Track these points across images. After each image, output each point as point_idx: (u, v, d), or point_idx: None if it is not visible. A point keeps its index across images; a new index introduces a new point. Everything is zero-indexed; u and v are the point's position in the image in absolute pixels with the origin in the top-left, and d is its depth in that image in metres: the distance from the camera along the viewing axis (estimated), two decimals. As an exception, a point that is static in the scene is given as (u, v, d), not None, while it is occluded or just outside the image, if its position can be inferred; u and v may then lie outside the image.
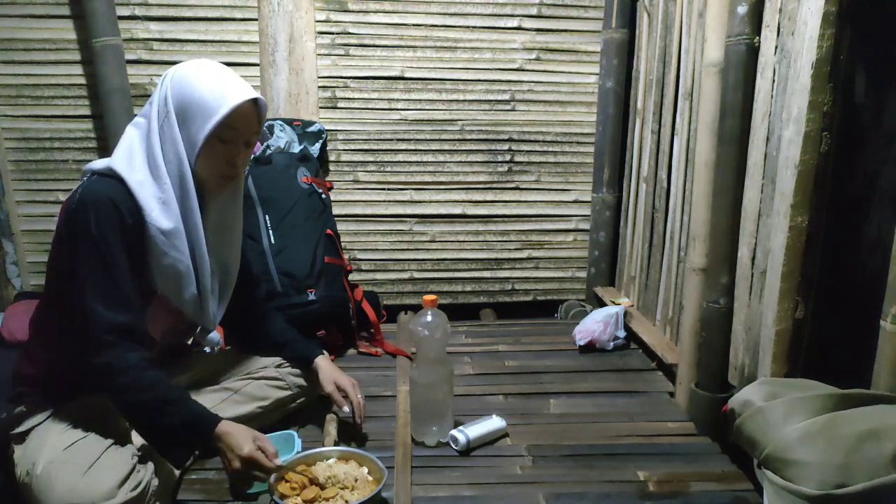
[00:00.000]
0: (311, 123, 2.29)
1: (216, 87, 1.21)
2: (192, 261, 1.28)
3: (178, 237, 1.24)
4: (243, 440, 1.19)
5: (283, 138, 2.20)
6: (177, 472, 1.34)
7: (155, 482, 1.22)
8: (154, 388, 1.19)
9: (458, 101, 2.40)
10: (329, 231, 2.11)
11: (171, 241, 1.23)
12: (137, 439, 1.32)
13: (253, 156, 2.00)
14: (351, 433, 1.54)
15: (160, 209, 1.21)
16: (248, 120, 1.25)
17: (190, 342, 1.52)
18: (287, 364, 1.59)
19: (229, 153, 1.26)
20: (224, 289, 1.43)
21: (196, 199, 1.25)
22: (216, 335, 1.43)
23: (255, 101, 1.25)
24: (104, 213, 1.16)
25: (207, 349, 1.45)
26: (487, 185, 2.48)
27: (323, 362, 1.56)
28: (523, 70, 2.40)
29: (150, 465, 1.24)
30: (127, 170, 1.20)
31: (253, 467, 1.19)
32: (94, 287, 1.15)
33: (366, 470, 1.34)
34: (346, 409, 1.50)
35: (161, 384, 1.20)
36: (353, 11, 2.30)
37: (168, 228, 1.22)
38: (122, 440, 1.28)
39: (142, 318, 1.23)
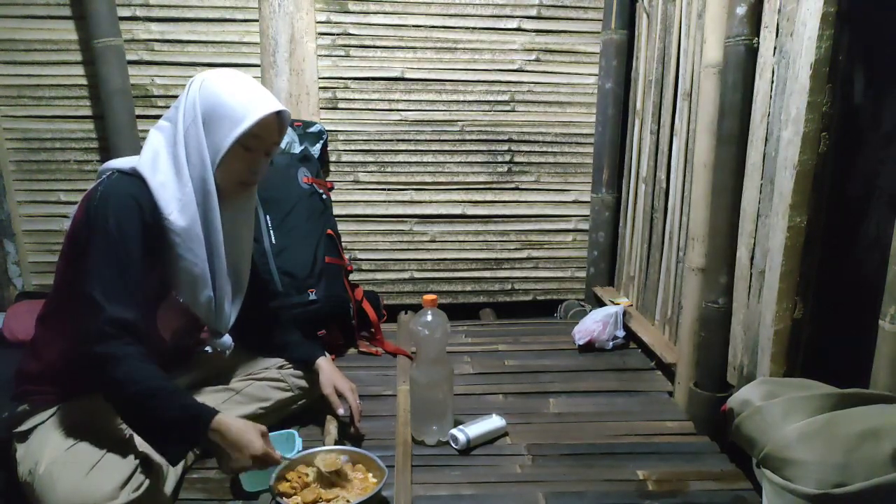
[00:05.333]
0: (312, 124, 2.30)
1: (245, 96, 1.26)
2: (209, 264, 1.30)
3: (195, 240, 1.26)
4: (252, 436, 1.18)
5: (283, 139, 2.20)
6: (175, 471, 1.33)
7: (147, 484, 1.20)
8: (149, 379, 1.15)
9: (457, 101, 2.40)
10: (329, 231, 2.12)
11: (188, 244, 1.25)
12: (140, 440, 1.32)
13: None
14: (351, 433, 1.54)
15: (179, 211, 1.23)
16: (271, 130, 1.30)
17: (194, 343, 1.52)
18: (289, 365, 1.60)
19: (251, 161, 1.30)
20: (237, 292, 1.44)
21: (217, 202, 1.27)
22: (228, 339, 1.43)
23: (279, 112, 1.29)
24: (125, 210, 1.17)
25: (209, 349, 1.45)
26: (487, 186, 2.48)
27: (324, 364, 1.57)
28: (523, 71, 2.40)
29: (152, 467, 1.24)
30: (150, 171, 1.23)
31: (262, 463, 1.19)
32: (102, 280, 1.15)
33: (370, 475, 1.34)
34: (342, 411, 1.51)
35: (155, 376, 1.17)
36: (353, 12, 2.31)
37: (184, 227, 1.24)
38: (125, 441, 1.27)
39: (144, 319, 1.22)
